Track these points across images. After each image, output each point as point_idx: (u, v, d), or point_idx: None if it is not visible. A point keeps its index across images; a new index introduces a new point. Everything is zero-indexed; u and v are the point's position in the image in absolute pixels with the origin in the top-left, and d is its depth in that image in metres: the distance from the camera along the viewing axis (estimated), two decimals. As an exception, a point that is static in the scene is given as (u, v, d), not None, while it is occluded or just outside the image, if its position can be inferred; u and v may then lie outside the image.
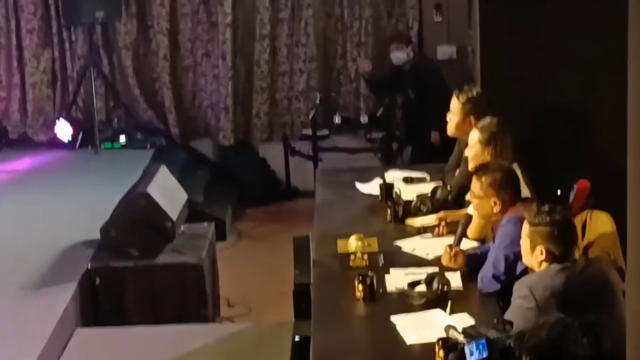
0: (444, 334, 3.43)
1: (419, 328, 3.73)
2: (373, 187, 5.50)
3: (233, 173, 8.63)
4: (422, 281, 4.03)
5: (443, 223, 4.78)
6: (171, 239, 5.68)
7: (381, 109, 8.29)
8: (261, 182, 8.60)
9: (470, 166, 4.67)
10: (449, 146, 5.56)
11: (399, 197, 5.15)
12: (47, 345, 4.70)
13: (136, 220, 5.58)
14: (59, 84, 8.80)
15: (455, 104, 5.14)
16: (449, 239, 4.56)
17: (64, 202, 6.97)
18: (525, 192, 4.42)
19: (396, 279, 4.20)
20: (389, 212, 5.02)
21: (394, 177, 5.63)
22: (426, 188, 5.29)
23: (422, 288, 4.02)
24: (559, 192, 5.06)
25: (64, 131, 8.52)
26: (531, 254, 3.75)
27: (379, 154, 8.28)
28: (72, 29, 8.69)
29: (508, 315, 3.61)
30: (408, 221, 4.96)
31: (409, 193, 5.25)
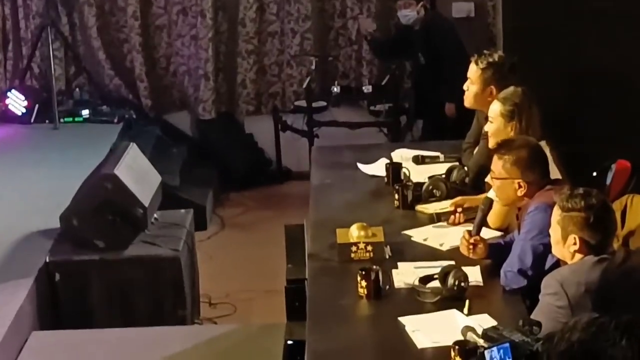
0: (461, 337, 3.46)
1: (432, 330, 3.75)
2: (378, 168, 5.51)
3: (214, 151, 8.64)
4: (436, 276, 4.06)
5: (460, 209, 4.79)
6: (143, 228, 5.69)
7: (387, 77, 8.29)
8: (247, 161, 8.61)
9: (491, 143, 4.69)
10: (466, 120, 5.58)
11: (408, 180, 5.18)
12: (-2, 352, 4.72)
13: (102, 207, 5.59)
14: (10, 46, 8.78)
15: (473, 70, 5.15)
16: (466, 227, 4.56)
17: (17, 185, 6.97)
18: (555, 173, 4.44)
19: (405, 274, 4.22)
20: (396, 196, 5.03)
21: (402, 156, 5.64)
22: (440, 169, 5.31)
23: (436, 284, 4.04)
24: (594, 174, 5.09)
25: (16, 103, 8.52)
26: (562, 244, 3.77)
27: (384, 130, 8.30)
28: (25, -19, 8.70)
29: (535, 315, 3.63)
30: (419, 207, 4.98)
31: (419, 175, 5.27)
